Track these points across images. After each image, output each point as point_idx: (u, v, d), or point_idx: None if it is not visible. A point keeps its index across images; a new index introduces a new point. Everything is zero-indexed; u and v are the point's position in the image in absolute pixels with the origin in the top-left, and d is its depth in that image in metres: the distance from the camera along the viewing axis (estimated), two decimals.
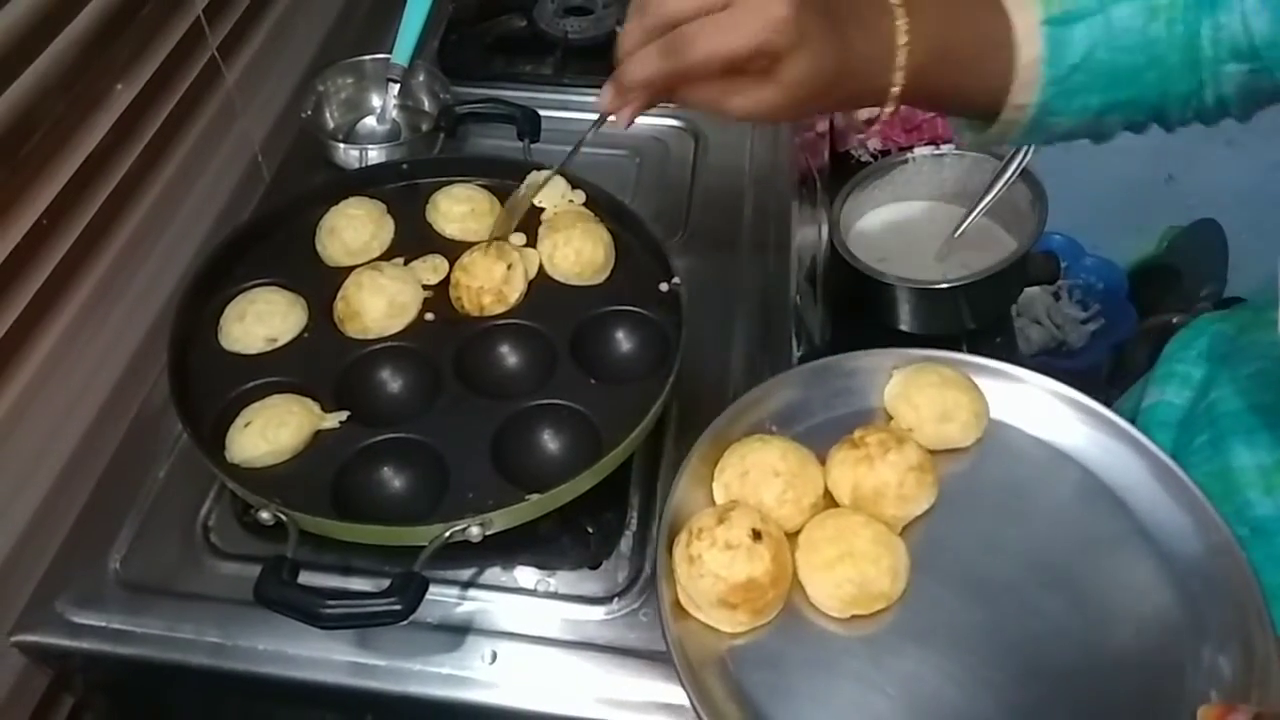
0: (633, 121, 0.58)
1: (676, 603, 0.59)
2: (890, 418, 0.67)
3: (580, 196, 0.86)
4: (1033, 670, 0.56)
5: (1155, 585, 0.59)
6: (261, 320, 0.76)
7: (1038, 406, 0.67)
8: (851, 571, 0.58)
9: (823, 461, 0.65)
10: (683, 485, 0.63)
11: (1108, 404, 0.65)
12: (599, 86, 1.10)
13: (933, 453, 0.64)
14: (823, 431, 0.67)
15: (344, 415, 0.71)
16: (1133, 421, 0.74)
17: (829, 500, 0.63)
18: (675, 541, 0.60)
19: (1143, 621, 0.57)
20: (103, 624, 0.66)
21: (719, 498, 0.64)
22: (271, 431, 0.68)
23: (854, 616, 0.59)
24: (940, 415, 0.65)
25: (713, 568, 0.57)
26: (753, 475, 0.62)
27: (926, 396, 0.65)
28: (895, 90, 0.57)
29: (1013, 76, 0.58)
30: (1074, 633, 0.57)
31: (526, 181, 0.82)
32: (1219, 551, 0.58)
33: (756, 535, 0.57)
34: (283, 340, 0.76)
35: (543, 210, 0.85)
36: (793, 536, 0.61)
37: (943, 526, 0.62)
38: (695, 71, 0.53)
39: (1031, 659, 0.56)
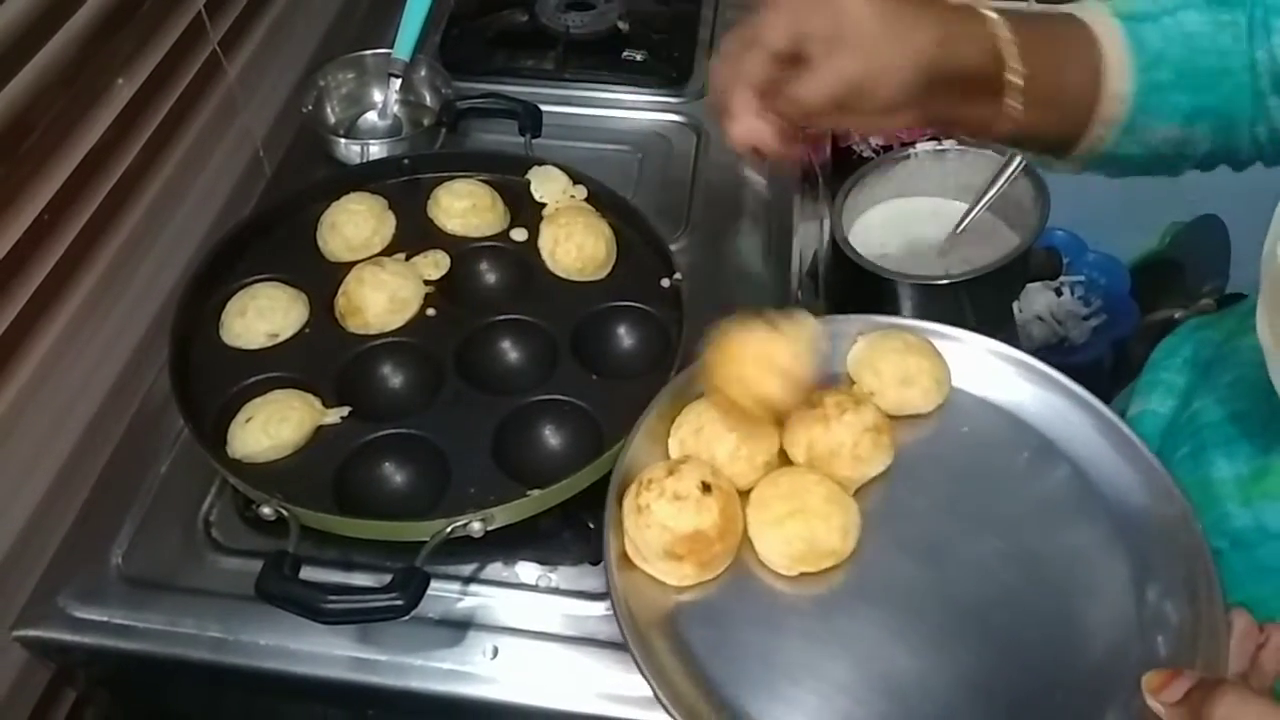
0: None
1: (623, 554, 0.58)
2: (853, 383, 0.66)
3: (582, 192, 0.86)
4: (984, 631, 0.56)
5: (1108, 549, 0.58)
6: (263, 316, 0.76)
7: (1000, 375, 0.66)
8: (801, 528, 0.57)
9: (780, 423, 0.64)
10: (637, 441, 0.62)
11: (1108, 401, 0.65)
12: (600, 81, 1.10)
13: (894, 418, 0.64)
14: None
15: (345, 411, 0.71)
16: None
17: (784, 460, 0.63)
18: (625, 493, 0.59)
19: (1094, 584, 0.57)
20: (104, 619, 0.66)
21: (674, 454, 0.63)
22: (273, 427, 0.68)
23: (803, 574, 0.58)
24: (902, 380, 0.64)
25: (660, 518, 0.56)
26: (707, 431, 0.61)
27: (889, 361, 0.65)
28: (1012, 77, 0.55)
29: (1102, 63, 0.57)
30: (1026, 594, 0.57)
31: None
32: (1170, 515, 0.58)
33: (706, 488, 0.57)
34: (284, 336, 0.76)
35: (544, 205, 0.85)
36: (745, 495, 0.61)
37: (898, 489, 0.62)
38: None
39: (983, 620, 0.56)
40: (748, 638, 0.56)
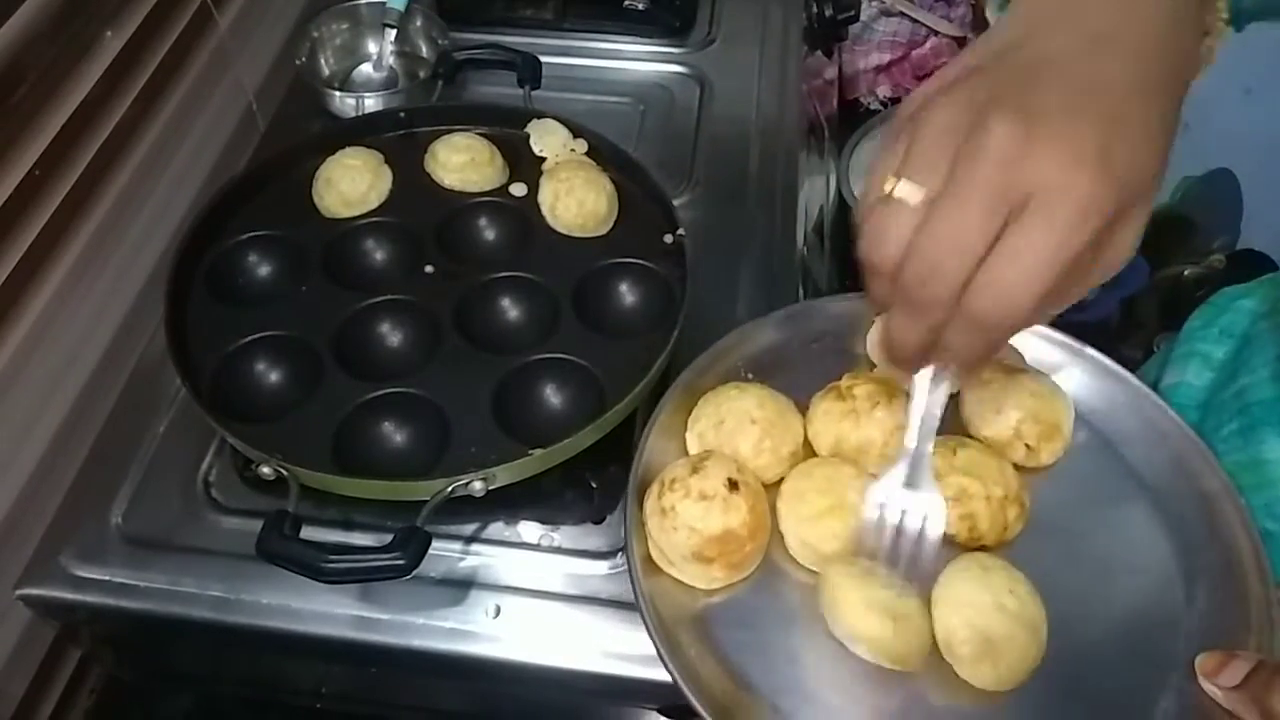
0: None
1: (648, 558, 0.56)
2: (873, 365, 0.64)
3: (583, 146, 0.84)
4: None
5: (1149, 533, 0.57)
6: None
7: (1029, 351, 0.64)
8: (839, 525, 0.55)
9: (802, 410, 0.62)
10: (653, 438, 0.60)
11: (1120, 360, 0.64)
12: (601, 31, 1.07)
13: None
14: (802, 378, 0.63)
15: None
16: None
17: (808, 451, 0.61)
18: (646, 494, 0.57)
19: (1138, 569, 0.56)
20: (106, 578, 0.66)
21: (693, 449, 0.61)
22: None
23: None
24: None
25: (686, 519, 0.54)
26: (728, 423, 0.59)
27: None
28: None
29: None
30: (1067, 581, 0.55)
31: None
32: (1213, 497, 0.56)
33: (733, 485, 0.55)
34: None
35: (544, 159, 0.84)
36: (770, 488, 0.58)
37: None
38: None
39: None
40: (781, 638, 0.54)
